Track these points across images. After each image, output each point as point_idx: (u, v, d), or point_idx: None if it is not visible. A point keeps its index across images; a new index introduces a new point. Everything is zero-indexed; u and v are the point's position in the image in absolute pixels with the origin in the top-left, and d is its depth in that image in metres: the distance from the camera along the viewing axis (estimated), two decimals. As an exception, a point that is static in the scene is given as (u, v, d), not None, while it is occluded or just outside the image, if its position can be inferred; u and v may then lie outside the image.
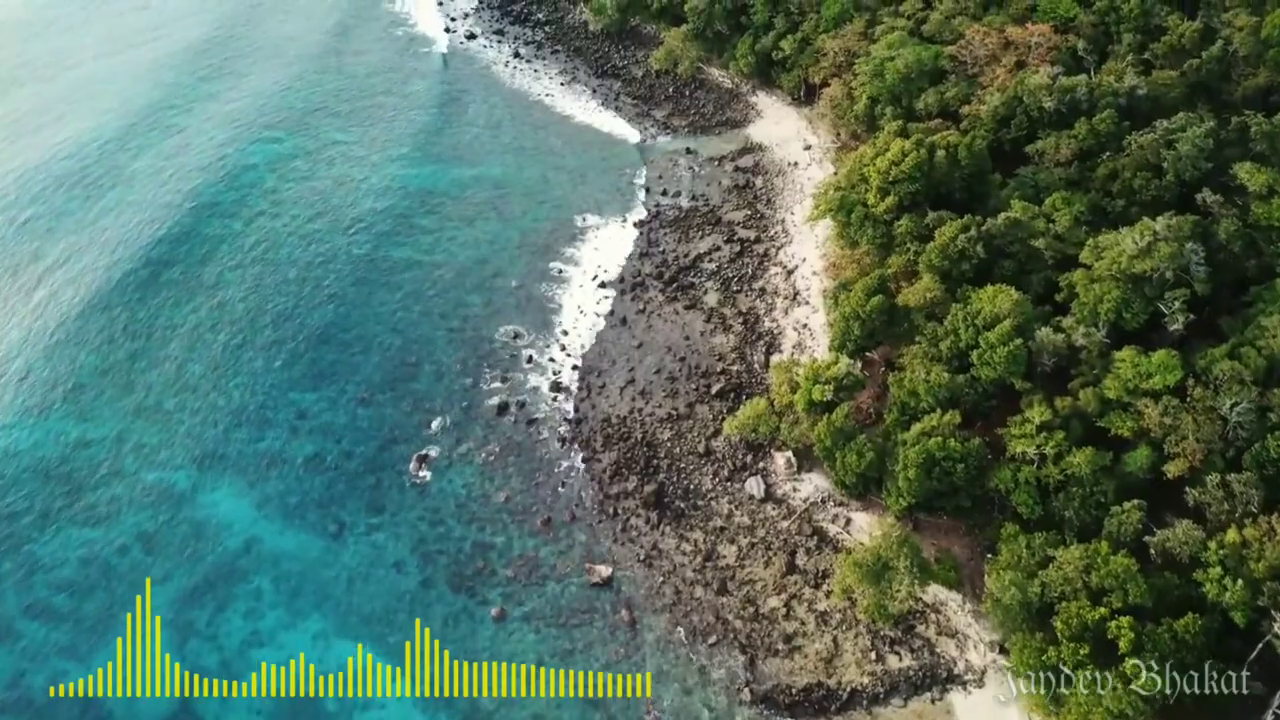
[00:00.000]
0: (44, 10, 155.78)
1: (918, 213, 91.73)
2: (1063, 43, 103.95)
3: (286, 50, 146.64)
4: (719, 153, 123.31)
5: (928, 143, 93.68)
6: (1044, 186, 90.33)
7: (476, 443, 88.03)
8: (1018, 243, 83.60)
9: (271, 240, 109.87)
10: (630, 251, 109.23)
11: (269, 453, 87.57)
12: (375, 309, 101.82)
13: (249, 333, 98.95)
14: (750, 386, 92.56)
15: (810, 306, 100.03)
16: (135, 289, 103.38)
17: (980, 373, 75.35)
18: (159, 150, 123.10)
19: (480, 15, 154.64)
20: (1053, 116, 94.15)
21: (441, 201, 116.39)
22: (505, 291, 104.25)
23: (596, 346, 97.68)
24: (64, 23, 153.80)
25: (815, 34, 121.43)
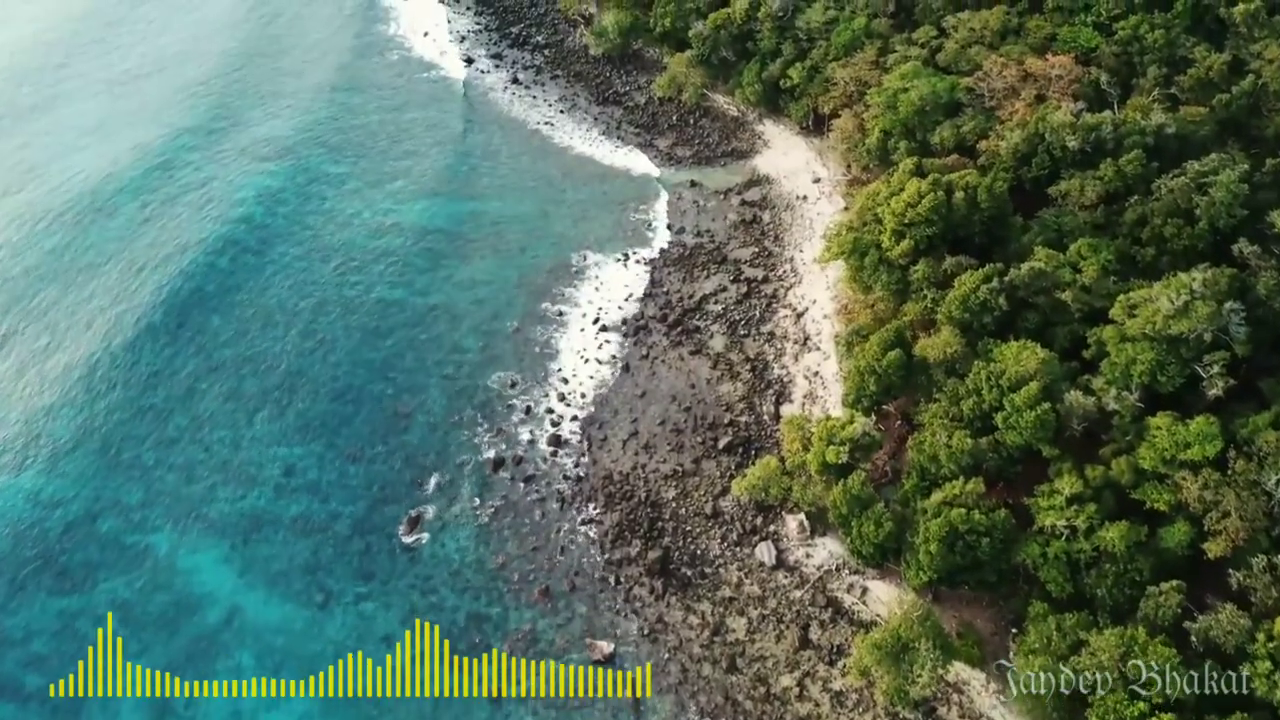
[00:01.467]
0: (39, 54, 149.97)
1: (935, 257, 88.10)
2: (1084, 75, 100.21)
3: (276, 78, 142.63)
4: (724, 185, 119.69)
5: (945, 182, 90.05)
6: (1068, 231, 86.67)
7: (471, 502, 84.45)
8: (1042, 294, 79.75)
9: (258, 281, 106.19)
10: (633, 292, 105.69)
11: (253, 513, 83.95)
12: (366, 355, 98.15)
13: (233, 381, 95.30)
14: (760, 440, 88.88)
15: (821, 352, 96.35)
16: (111, 334, 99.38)
17: (1005, 437, 71.60)
18: (141, 187, 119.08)
19: (478, 38, 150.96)
20: (1076, 156, 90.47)
21: (436, 238, 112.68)
22: (502, 335, 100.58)
23: (597, 396, 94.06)
24: (59, 62, 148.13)
25: (825, 62, 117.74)
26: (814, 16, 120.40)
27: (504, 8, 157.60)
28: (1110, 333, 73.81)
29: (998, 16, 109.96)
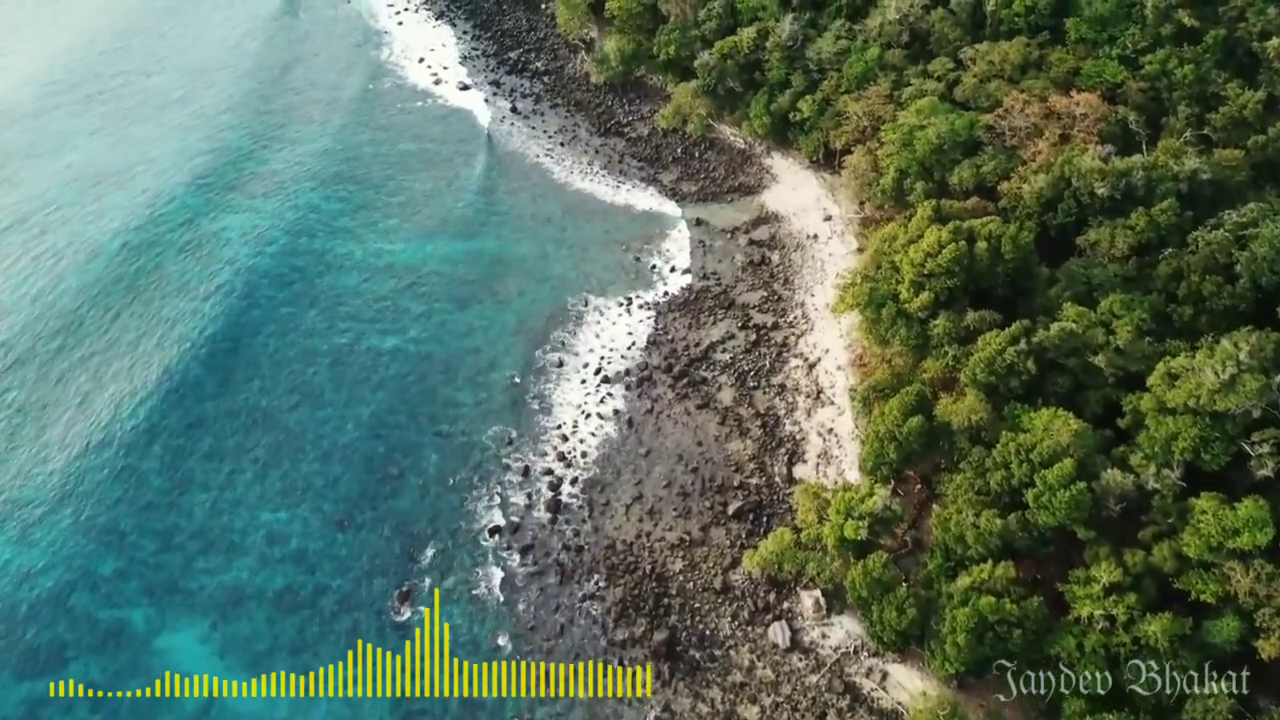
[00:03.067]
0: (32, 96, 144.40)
1: (955, 309, 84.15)
2: (1111, 114, 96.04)
3: (263, 109, 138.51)
4: (731, 223, 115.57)
5: (966, 230, 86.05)
6: (1098, 284, 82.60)
7: (465, 575, 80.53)
8: (1073, 356, 75.54)
9: (242, 327, 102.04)
10: (636, 340, 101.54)
11: (235, 587, 79.97)
12: (356, 410, 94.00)
13: (214, 439, 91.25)
14: (771, 505, 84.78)
15: (836, 407, 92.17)
16: (84, 387, 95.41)
17: (1037, 517, 67.47)
18: (122, 226, 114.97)
19: (475, 64, 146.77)
20: (1105, 203, 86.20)
21: (430, 280, 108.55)
22: (499, 387, 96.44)
23: (599, 455, 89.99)
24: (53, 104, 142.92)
25: (836, 94, 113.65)
26: (825, 46, 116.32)
27: (502, 31, 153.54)
28: (1148, 403, 69.57)
29: (1018, 49, 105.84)
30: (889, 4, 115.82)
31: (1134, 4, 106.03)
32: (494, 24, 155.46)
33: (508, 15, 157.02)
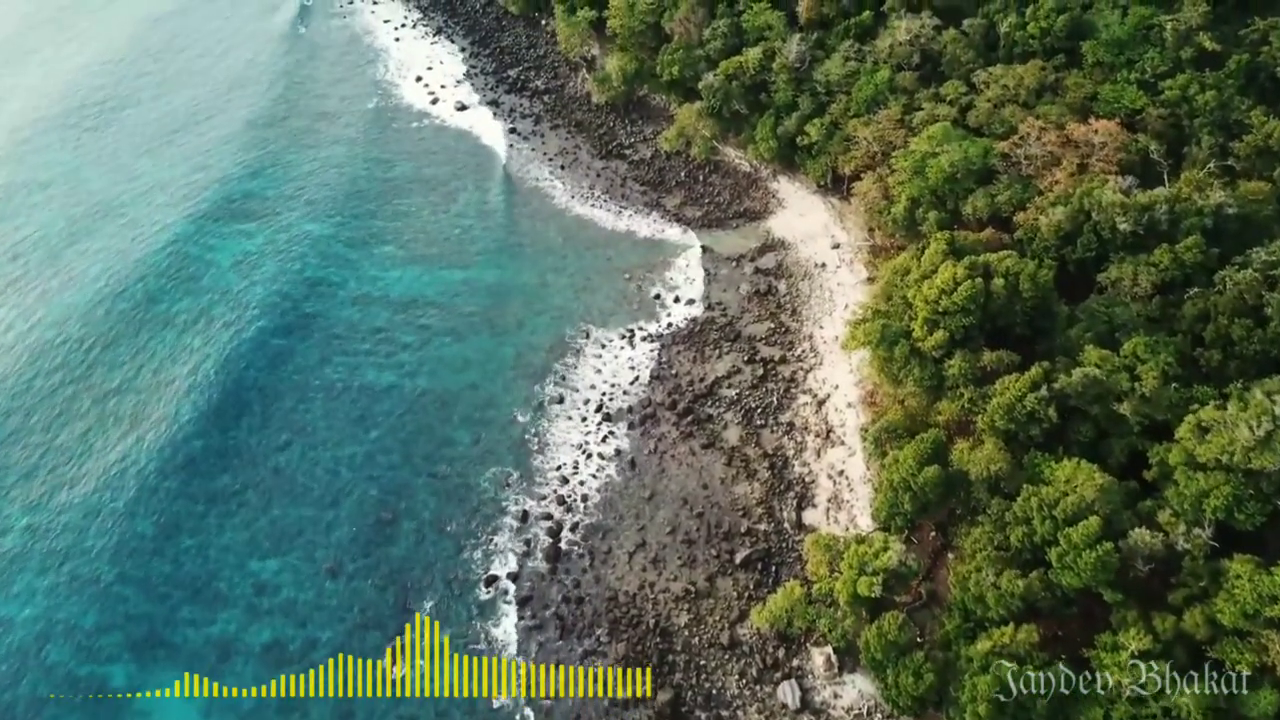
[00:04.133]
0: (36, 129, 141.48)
1: (971, 348, 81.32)
2: (1130, 142, 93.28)
3: (254, 127, 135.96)
4: (737, 250, 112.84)
5: (982, 265, 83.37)
6: (1120, 324, 79.75)
7: (461, 629, 77.39)
8: (1096, 403, 72.70)
9: (230, 361, 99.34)
10: (639, 374, 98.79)
11: (221, 641, 77.30)
12: (348, 450, 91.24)
13: (201, 480, 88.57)
14: (780, 553, 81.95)
15: (846, 447, 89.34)
16: (63, 422, 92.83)
17: (1061, 577, 64.69)
18: (105, 247, 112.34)
19: (474, 83, 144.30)
20: (1127, 238, 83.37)
21: (427, 311, 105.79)
22: (497, 425, 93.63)
23: (601, 499, 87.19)
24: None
25: (845, 118, 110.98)
26: (833, 68, 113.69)
27: (501, 48, 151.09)
28: (1177, 456, 66.74)
29: (1033, 73, 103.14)
30: (899, 25, 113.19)
31: (1152, 26, 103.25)
32: (492, 40, 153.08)
33: (506, 31, 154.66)
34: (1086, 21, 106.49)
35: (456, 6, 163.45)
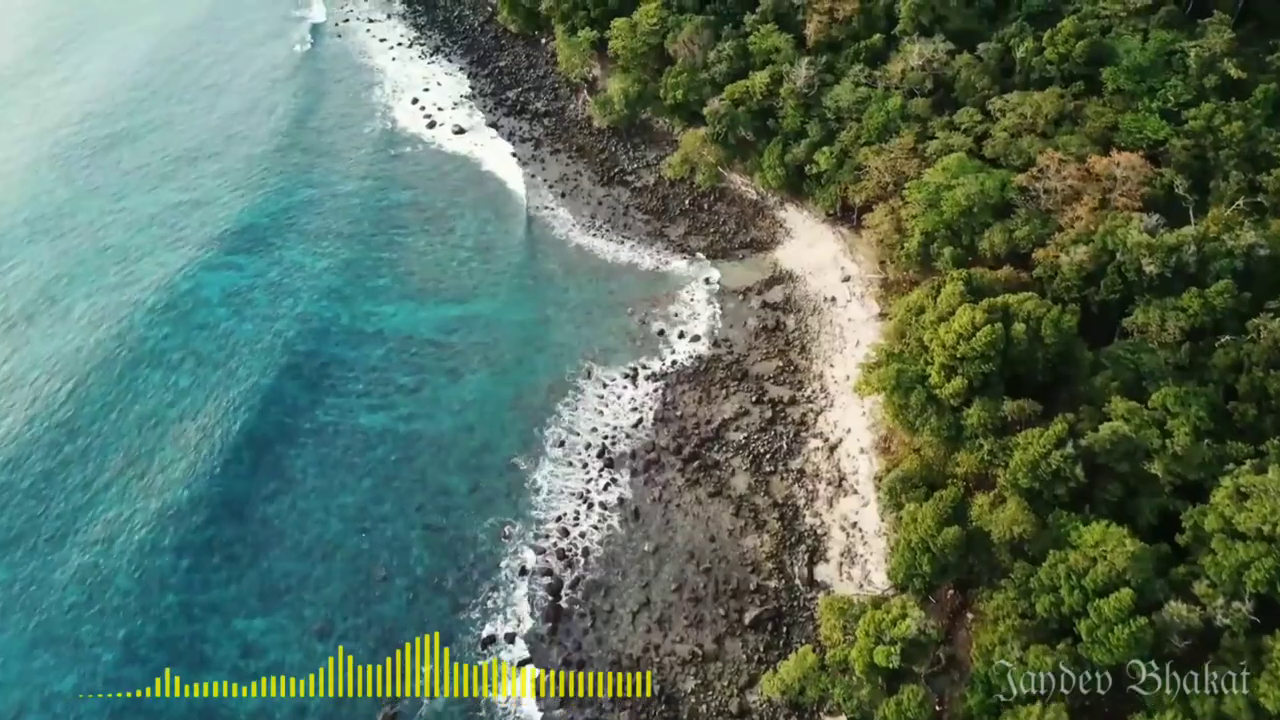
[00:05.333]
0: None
1: (991, 396, 78.15)
2: (1155, 176, 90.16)
3: (243, 151, 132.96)
4: (743, 283, 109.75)
5: (1001, 306, 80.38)
6: (1147, 373, 76.70)
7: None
8: (1125, 461, 69.50)
9: (215, 401, 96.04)
10: (643, 416, 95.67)
11: (205, 709, 74.10)
12: (340, 499, 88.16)
13: (186, 531, 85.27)
14: (792, 613, 78.85)
15: (859, 497, 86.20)
16: (39, 463, 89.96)
17: (1091, 652, 61.35)
18: (76, 275, 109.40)
19: (472, 105, 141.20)
20: (1154, 280, 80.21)
21: (423, 349, 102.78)
22: (494, 472, 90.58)
23: (603, 552, 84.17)
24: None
25: (855, 146, 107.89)
26: (843, 94, 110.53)
27: (499, 69, 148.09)
28: (1213, 522, 63.57)
29: (1051, 101, 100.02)
30: (911, 49, 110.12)
31: (1174, 52, 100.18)
32: (491, 60, 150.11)
33: (505, 51, 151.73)
34: (1106, 46, 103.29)
35: (454, 25, 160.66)
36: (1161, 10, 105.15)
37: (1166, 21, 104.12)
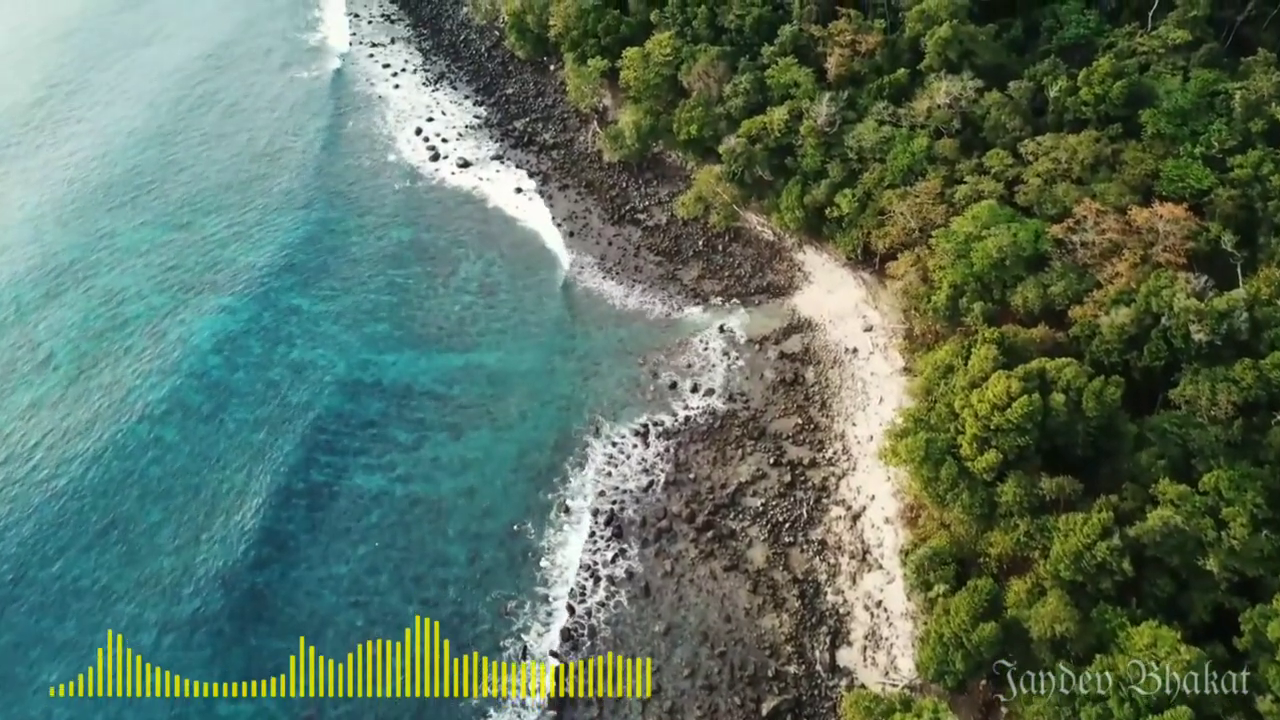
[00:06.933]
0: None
1: (1027, 470, 73.72)
2: (1200, 229, 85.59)
3: (240, 182, 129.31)
4: (760, 331, 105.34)
5: (1037, 373, 76.03)
6: (1196, 450, 72.06)
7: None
8: (1177, 553, 64.88)
9: (204, 459, 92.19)
10: (654, 479, 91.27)
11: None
12: (332, 568, 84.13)
13: (163, 601, 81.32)
14: (813, 702, 74.45)
15: (884, 572, 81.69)
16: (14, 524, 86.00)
17: (1144, 775, 56.44)
18: (65, 321, 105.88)
19: (477, 135, 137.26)
20: (1202, 348, 75.56)
21: (423, 402, 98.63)
22: (495, 540, 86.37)
23: (611, 633, 79.85)
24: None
25: (879, 189, 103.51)
26: (866, 134, 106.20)
27: (506, 97, 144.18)
28: (1276, 628, 58.69)
29: (1087, 145, 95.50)
30: (938, 86, 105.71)
31: (1218, 94, 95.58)
32: (497, 88, 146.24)
33: (513, 78, 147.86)
34: (1145, 86, 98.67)
35: (460, 50, 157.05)
36: (1203, 48, 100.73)
37: (1208, 60, 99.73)
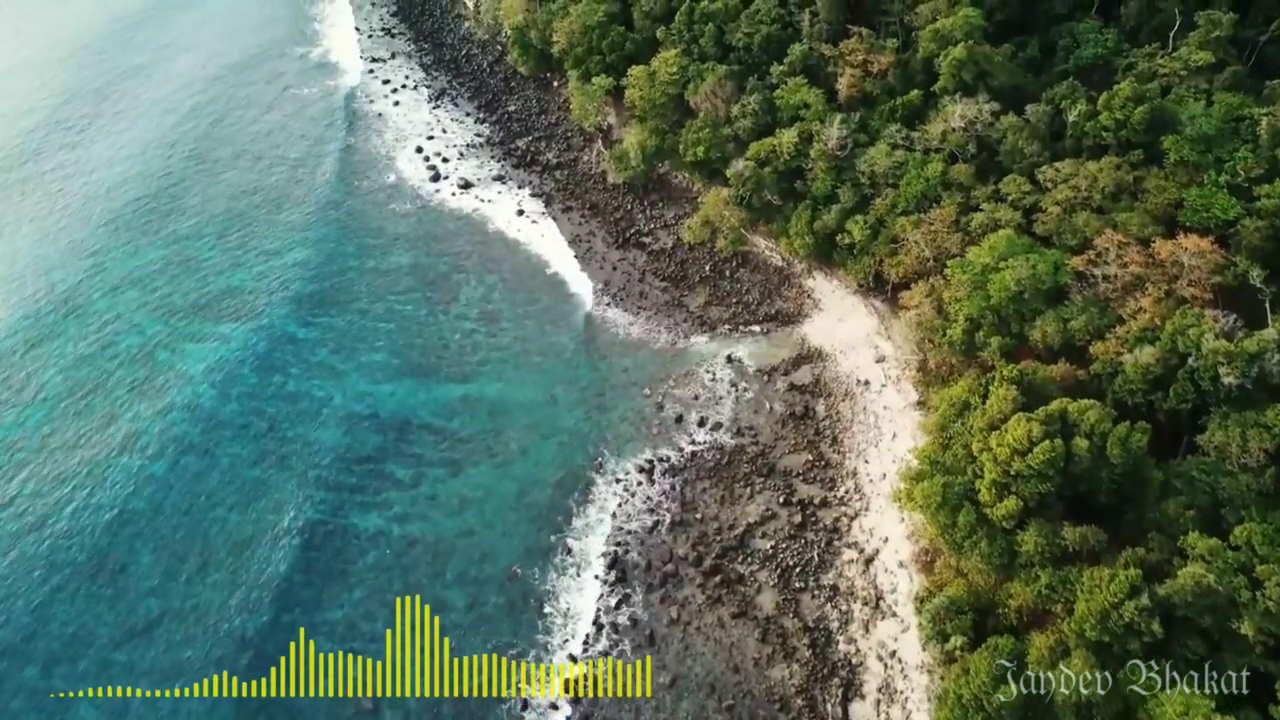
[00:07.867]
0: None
1: (1049, 518, 71.10)
2: (1227, 264, 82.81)
3: (236, 207, 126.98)
4: (768, 361, 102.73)
5: (1058, 416, 73.34)
6: (1225, 499, 69.21)
7: None
8: (1209, 613, 62.12)
9: (196, 496, 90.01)
10: (660, 519, 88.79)
11: None
12: (326, 614, 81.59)
13: (155, 652, 78.66)
14: (824, 761, 71.15)
15: (898, 620, 79.03)
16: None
17: None
18: (52, 350, 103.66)
19: (479, 154, 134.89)
20: (1232, 392, 72.77)
21: (421, 436, 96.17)
22: (494, 585, 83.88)
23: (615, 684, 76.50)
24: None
25: (892, 215, 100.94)
26: (878, 158, 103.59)
27: (508, 115, 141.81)
28: (1316, 699, 55.95)
29: (1108, 172, 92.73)
30: (952, 109, 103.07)
31: (1243, 119, 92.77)
32: (499, 105, 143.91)
33: (515, 94, 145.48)
34: (1167, 110, 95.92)
35: (461, 65, 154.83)
36: (1226, 71, 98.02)
37: (1232, 83, 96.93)
